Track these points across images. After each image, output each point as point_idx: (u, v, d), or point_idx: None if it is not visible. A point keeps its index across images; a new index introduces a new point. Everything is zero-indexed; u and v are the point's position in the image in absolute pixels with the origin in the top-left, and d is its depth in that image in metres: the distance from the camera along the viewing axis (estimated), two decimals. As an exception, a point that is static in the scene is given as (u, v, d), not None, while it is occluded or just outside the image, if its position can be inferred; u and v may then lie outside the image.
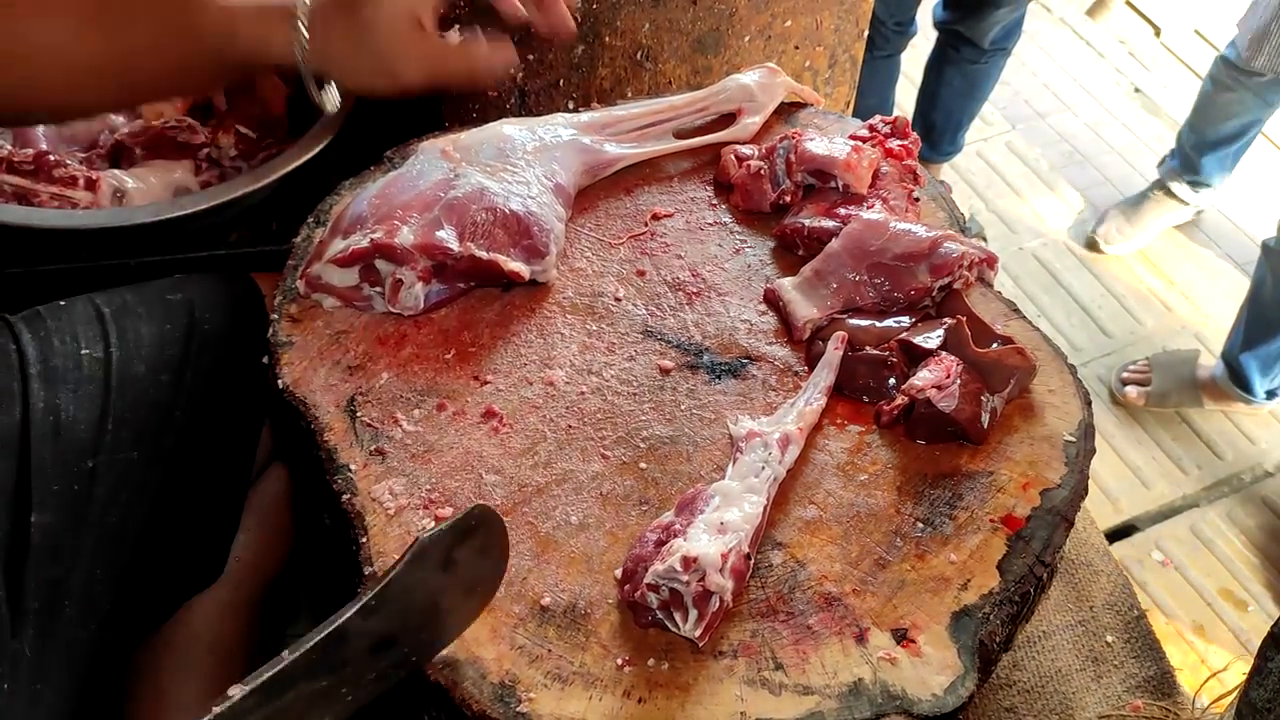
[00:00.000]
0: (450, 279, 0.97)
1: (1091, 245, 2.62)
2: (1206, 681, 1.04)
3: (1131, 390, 2.30)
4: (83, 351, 0.97)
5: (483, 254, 0.95)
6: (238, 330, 1.06)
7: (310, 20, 0.81)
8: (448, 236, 0.95)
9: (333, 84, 0.91)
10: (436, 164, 1.01)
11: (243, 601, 1.06)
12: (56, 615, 0.88)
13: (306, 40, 0.80)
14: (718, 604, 0.74)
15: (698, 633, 0.73)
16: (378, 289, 0.96)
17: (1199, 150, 2.47)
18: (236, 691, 0.61)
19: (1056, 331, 2.44)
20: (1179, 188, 2.55)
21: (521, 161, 1.02)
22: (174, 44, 0.83)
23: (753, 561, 0.78)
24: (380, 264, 0.95)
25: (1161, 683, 1.10)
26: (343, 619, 0.65)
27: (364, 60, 0.82)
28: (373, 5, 0.81)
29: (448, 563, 0.70)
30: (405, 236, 0.94)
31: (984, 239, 2.60)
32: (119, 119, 1.34)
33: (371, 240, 0.93)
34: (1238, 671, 0.91)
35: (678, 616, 0.74)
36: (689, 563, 0.73)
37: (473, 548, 0.72)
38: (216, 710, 0.60)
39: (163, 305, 1.04)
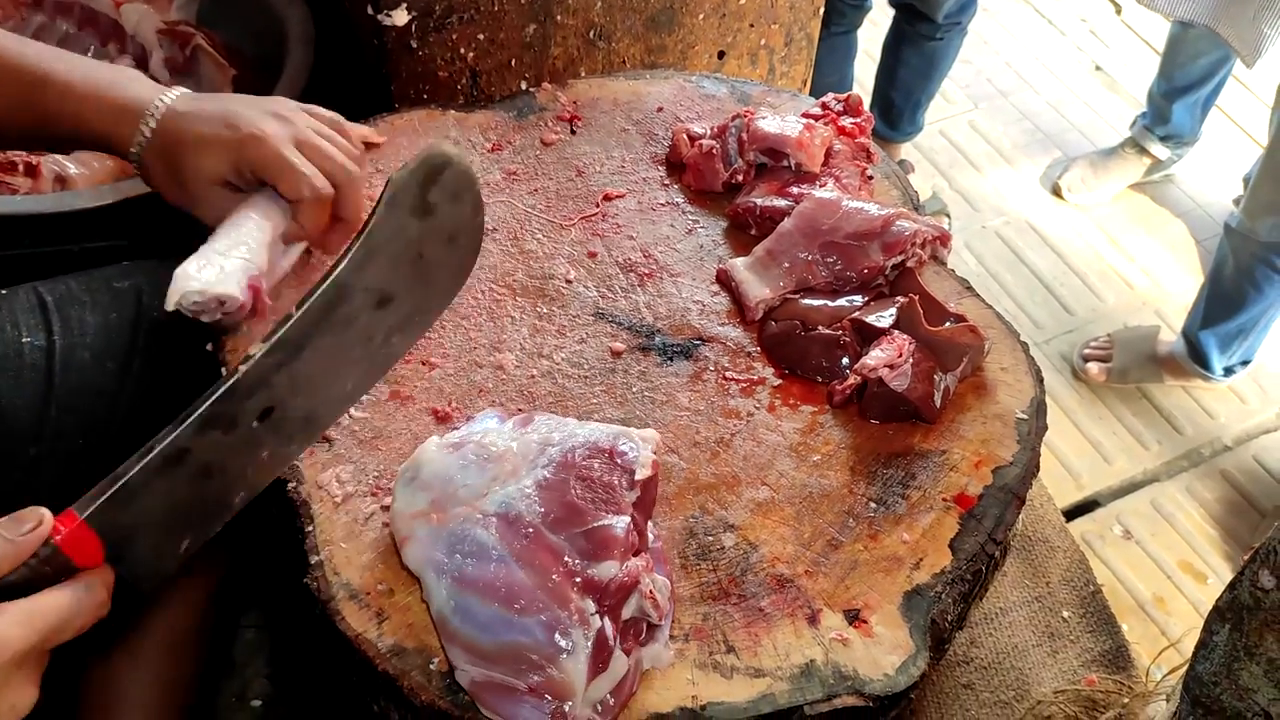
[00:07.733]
0: None
1: (1055, 191, 2.68)
2: (1162, 653, 1.05)
3: (1093, 367, 2.31)
4: (24, 339, 0.95)
5: None
6: (187, 317, 1.04)
7: (159, 123, 0.86)
8: None
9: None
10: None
11: (194, 595, 1.05)
12: None
13: (147, 140, 0.85)
14: None
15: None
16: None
17: (1169, 97, 2.48)
18: (256, 350, 0.65)
19: (1019, 309, 2.44)
20: (1150, 143, 2.58)
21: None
22: (27, 116, 0.87)
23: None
24: None
25: (1117, 656, 1.10)
26: (336, 271, 0.67)
27: (174, 183, 0.88)
28: (193, 151, 0.85)
29: (423, 208, 0.71)
30: None
31: (948, 216, 2.60)
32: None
33: None
34: (1192, 642, 0.92)
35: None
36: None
37: (445, 191, 0.72)
38: (242, 369, 0.64)
39: (109, 293, 1.02)
